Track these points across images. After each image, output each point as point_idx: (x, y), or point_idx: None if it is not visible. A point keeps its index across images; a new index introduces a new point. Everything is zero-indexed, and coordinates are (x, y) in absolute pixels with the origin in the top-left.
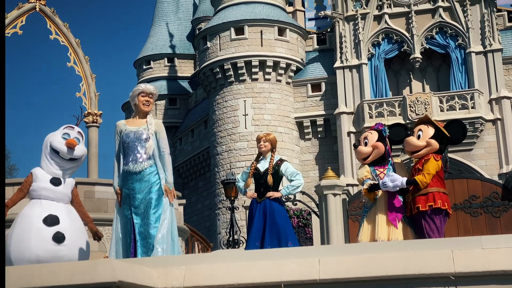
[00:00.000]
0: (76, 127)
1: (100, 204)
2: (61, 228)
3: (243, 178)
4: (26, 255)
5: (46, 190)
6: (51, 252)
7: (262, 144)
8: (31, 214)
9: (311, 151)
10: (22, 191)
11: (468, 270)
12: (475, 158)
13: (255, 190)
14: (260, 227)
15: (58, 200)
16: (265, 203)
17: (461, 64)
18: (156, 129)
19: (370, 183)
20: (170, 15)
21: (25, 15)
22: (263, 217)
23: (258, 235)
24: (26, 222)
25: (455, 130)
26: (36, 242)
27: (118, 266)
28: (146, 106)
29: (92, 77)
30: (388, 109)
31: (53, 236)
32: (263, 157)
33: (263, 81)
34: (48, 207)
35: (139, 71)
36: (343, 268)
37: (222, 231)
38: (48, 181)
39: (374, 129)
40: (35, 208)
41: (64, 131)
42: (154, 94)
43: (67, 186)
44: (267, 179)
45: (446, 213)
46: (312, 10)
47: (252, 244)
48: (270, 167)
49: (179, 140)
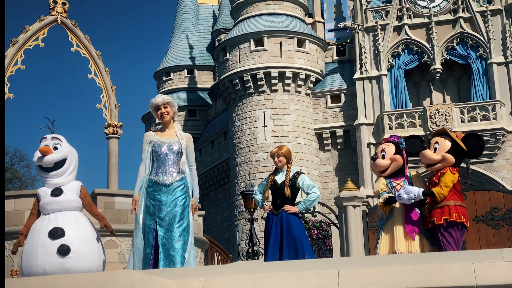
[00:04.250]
0: (48, 135)
1: (120, 215)
2: (66, 241)
3: (260, 190)
4: (34, 269)
5: (50, 204)
6: (56, 265)
7: (277, 160)
8: (38, 229)
9: (330, 162)
10: (32, 214)
11: (490, 283)
12: (497, 169)
13: (272, 202)
14: (277, 239)
15: (64, 209)
16: (281, 215)
17: (482, 75)
18: (187, 143)
19: (386, 196)
20: (190, 27)
21: (46, 27)
22: (280, 230)
23: (276, 248)
24: (34, 238)
25: (472, 144)
26: (42, 256)
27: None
28: (166, 116)
29: (113, 88)
30: (408, 120)
31: (57, 249)
32: (280, 169)
33: (283, 93)
34: (55, 220)
35: (159, 83)
36: (362, 280)
37: (241, 242)
38: (49, 195)
39: (390, 141)
40: (42, 222)
41: (41, 144)
42: (165, 103)
43: (71, 192)
44: (284, 191)
45: (463, 226)
46: (332, 21)
47: (270, 257)
48: (287, 180)
49: (198, 151)
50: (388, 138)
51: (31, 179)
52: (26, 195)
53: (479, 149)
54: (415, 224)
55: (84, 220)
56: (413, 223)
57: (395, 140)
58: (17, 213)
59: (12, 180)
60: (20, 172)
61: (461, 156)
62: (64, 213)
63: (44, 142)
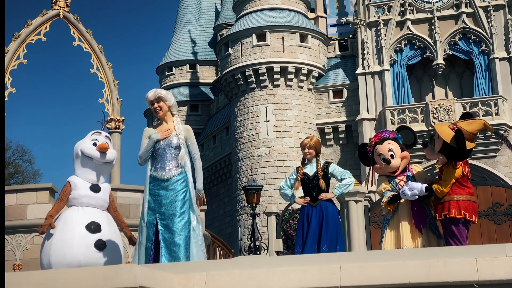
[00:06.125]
0: (103, 131)
1: (122, 210)
2: (103, 236)
3: (288, 185)
4: (68, 259)
5: (87, 198)
6: (92, 259)
7: (307, 151)
8: (74, 220)
9: (332, 158)
10: (62, 200)
11: (492, 278)
12: (499, 165)
13: (305, 194)
14: (316, 231)
15: (98, 207)
16: (320, 206)
17: (484, 70)
18: (186, 135)
19: (389, 195)
20: (192, 22)
21: (49, 22)
22: (322, 221)
23: (315, 239)
24: (69, 227)
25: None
26: (79, 248)
27: (140, 271)
28: (159, 111)
29: (115, 83)
30: (410, 115)
31: (95, 243)
32: (308, 161)
33: (285, 88)
34: (91, 214)
35: (161, 78)
36: (365, 275)
37: (243, 237)
38: (87, 188)
39: (390, 139)
40: (77, 214)
41: (93, 137)
42: (156, 97)
43: (105, 191)
44: (319, 183)
45: (466, 221)
46: (334, 16)
47: (309, 248)
48: (319, 171)
49: (200, 146)
50: (379, 135)
51: (33, 174)
52: (28, 189)
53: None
54: (422, 219)
55: (112, 219)
56: (420, 218)
57: (391, 136)
58: (19, 207)
59: (14, 175)
60: (22, 166)
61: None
62: (99, 210)
63: (99, 137)
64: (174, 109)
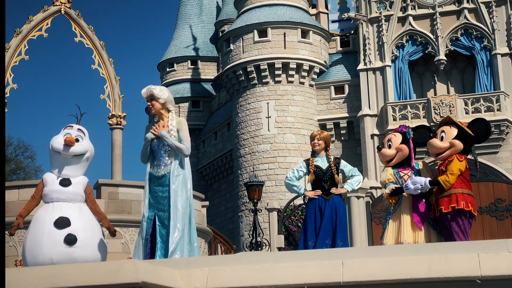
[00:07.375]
0: (75, 125)
1: (123, 205)
2: (72, 230)
3: (296, 176)
4: (40, 259)
5: (56, 192)
6: (63, 255)
7: (316, 142)
8: (43, 218)
9: (334, 154)
10: (34, 198)
11: (495, 274)
12: (501, 161)
13: (316, 187)
14: (329, 224)
15: (69, 201)
16: (333, 200)
17: (486, 66)
18: (178, 127)
19: (392, 187)
20: (194, 18)
21: (50, 18)
22: (335, 214)
23: (327, 232)
24: (39, 226)
25: (478, 129)
26: (49, 246)
27: (142, 267)
28: (152, 109)
29: (116, 79)
30: (412, 111)
31: (64, 239)
32: (318, 154)
33: (286, 84)
34: (59, 209)
35: (163, 74)
36: (366, 270)
37: (245, 233)
38: (57, 183)
39: (398, 131)
40: (47, 212)
41: (65, 131)
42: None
43: (78, 185)
44: (333, 177)
45: (471, 214)
46: (336, 12)
47: (320, 241)
48: (332, 166)
49: (202, 142)
50: (397, 128)
51: (35, 170)
52: (30, 185)
53: (486, 133)
54: (423, 214)
55: (87, 211)
56: (421, 213)
57: (403, 130)
58: (21, 203)
59: (16, 171)
60: (24, 163)
61: (469, 142)
62: (69, 204)
63: (69, 131)
64: (169, 104)
